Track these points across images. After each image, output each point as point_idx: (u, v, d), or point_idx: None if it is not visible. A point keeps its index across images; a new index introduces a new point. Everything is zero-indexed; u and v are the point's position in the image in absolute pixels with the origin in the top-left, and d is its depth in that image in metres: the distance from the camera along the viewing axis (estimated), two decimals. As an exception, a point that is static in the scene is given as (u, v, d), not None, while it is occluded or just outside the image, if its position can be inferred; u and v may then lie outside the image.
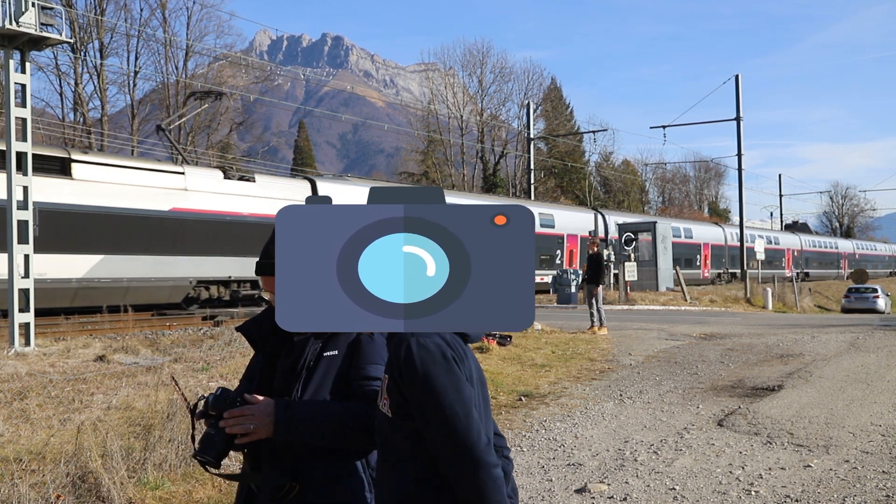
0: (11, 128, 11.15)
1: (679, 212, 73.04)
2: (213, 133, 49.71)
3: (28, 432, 6.18)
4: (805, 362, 10.92)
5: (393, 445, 1.83)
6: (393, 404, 1.81)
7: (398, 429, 1.81)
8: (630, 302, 25.08)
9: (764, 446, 6.31)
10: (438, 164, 57.93)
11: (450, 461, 1.72)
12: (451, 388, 1.72)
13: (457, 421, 1.70)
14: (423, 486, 1.77)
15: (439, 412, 1.71)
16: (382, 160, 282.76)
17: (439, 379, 1.72)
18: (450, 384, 1.72)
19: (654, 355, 11.90)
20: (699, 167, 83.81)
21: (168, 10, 45.70)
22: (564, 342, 13.19)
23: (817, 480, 5.38)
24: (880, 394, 8.46)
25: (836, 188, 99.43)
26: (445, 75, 60.54)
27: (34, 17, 10.94)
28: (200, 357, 10.33)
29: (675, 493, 5.14)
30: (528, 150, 42.67)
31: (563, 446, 6.44)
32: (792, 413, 7.53)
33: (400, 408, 1.79)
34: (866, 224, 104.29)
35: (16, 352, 10.61)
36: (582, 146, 63.76)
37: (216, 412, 2.06)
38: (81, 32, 41.05)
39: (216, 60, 49.30)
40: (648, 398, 8.46)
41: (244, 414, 2.03)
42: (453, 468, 1.72)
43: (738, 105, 35.46)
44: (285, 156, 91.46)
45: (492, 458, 1.73)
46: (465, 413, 1.71)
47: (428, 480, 1.77)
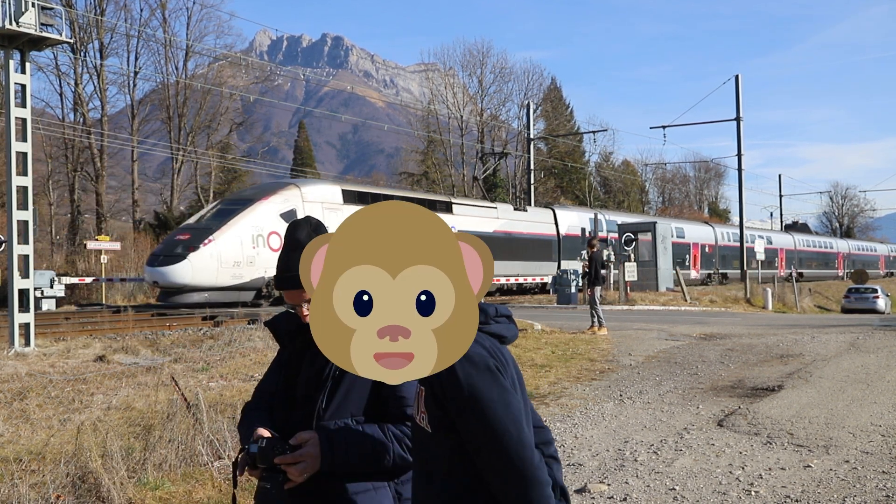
0: (11, 128, 11.15)
1: (679, 212, 73.03)
2: (213, 133, 49.70)
3: (28, 432, 6.18)
4: (805, 362, 10.91)
5: (435, 461, 1.74)
6: (432, 419, 1.70)
7: (440, 444, 1.71)
8: (630, 302, 25.09)
9: (764, 446, 6.31)
10: (438, 164, 57.93)
11: (500, 479, 1.64)
12: (500, 402, 1.61)
13: (508, 438, 1.60)
14: (468, 502, 1.69)
15: (489, 429, 1.61)
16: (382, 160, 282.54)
17: (486, 393, 1.60)
18: (498, 399, 1.61)
19: (654, 355, 11.90)
20: (699, 167, 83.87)
21: (168, 11, 45.76)
22: (564, 342, 13.19)
23: (817, 481, 5.38)
24: (880, 394, 8.46)
25: (836, 188, 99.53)
26: (445, 75, 60.53)
27: (34, 17, 10.94)
28: (200, 357, 10.33)
29: (675, 494, 5.14)
30: (527, 151, 42.66)
31: (563, 446, 6.44)
32: (792, 413, 7.53)
33: (440, 422, 1.68)
34: (866, 224, 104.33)
35: (16, 352, 10.61)
36: (582, 146, 63.79)
37: (266, 464, 1.94)
38: (81, 33, 41.05)
39: (216, 61, 49.30)
40: (648, 398, 8.46)
41: (298, 461, 1.94)
42: (504, 486, 1.64)
43: (738, 105, 35.46)
44: (285, 156, 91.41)
45: (544, 475, 1.66)
46: (516, 429, 1.62)
47: (474, 497, 1.69)
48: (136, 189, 44.89)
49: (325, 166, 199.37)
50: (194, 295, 19.31)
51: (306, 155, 78.75)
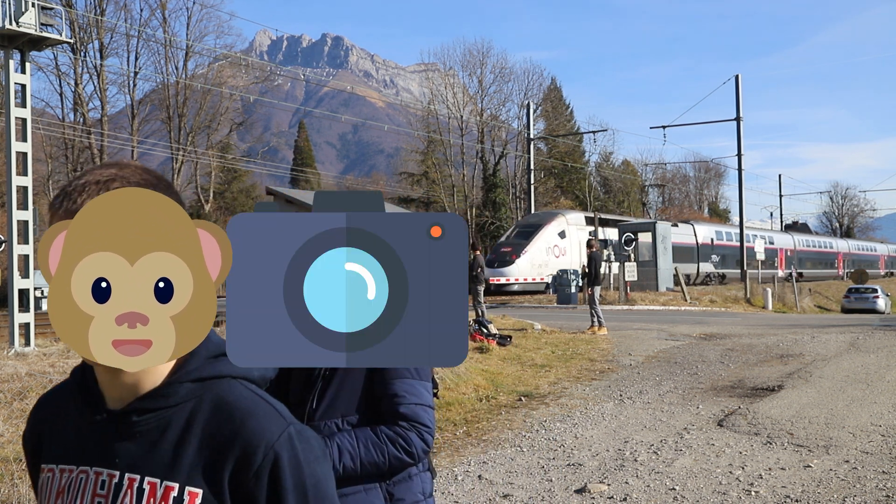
0: (11, 128, 11.15)
1: (679, 212, 73.00)
2: (213, 133, 49.72)
3: (28, 432, 6.18)
4: (805, 362, 10.92)
5: None
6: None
7: None
8: (630, 302, 25.09)
9: (764, 446, 6.31)
10: (438, 164, 57.94)
11: None
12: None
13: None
14: None
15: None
16: (382, 160, 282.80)
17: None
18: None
19: (654, 355, 11.90)
20: (699, 167, 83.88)
21: (168, 11, 45.77)
22: (564, 342, 13.19)
23: (817, 480, 5.38)
24: (880, 394, 8.46)
25: (836, 188, 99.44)
26: (445, 75, 60.53)
27: (34, 17, 10.94)
28: (200, 357, 10.33)
29: (675, 494, 5.14)
30: (527, 151, 42.67)
31: (563, 446, 6.44)
32: (792, 413, 7.53)
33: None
34: (866, 224, 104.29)
35: (16, 352, 10.61)
36: (582, 146, 63.74)
37: None
38: (81, 33, 41.08)
39: (216, 61, 49.32)
40: (648, 398, 8.47)
41: None
42: None
43: (738, 105, 35.46)
44: (285, 156, 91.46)
45: None
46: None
47: None
48: (136, 189, 44.80)
49: (325, 166, 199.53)
50: (515, 286, 30.24)
51: (306, 155, 78.79)
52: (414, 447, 1.98)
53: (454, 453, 6.33)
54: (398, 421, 1.98)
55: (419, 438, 1.99)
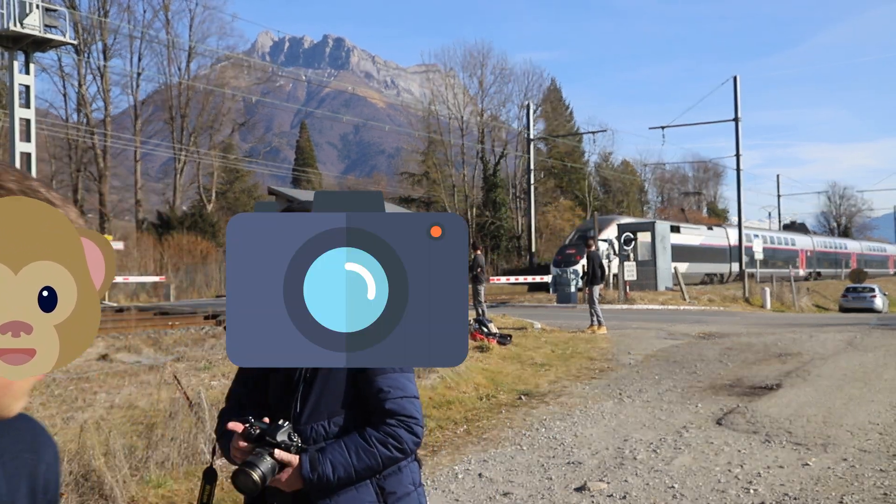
0: (15, 128, 11.20)
1: (679, 213, 72.95)
2: (216, 133, 49.78)
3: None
4: (803, 361, 10.96)
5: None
6: None
7: None
8: (629, 301, 25.13)
9: (762, 445, 6.35)
10: (439, 164, 57.95)
11: None
12: None
13: None
14: None
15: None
16: (383, 161, 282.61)
17: None
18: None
19: (653, 354, 11.94)
20: (698, 167, 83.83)
21: (171, 12, 45.94)
22: (564, 341, 13.23)
23: (815, 479, 5.42)
24: (878, 392, 8.50)
25: (834, 188, 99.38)
26: (446, 76, 60.55)
27: (38, 18, 10.99)
28: (203, 356, 10.37)
29: (674, 492, 5.19)
30: (527, 151, 42.70)
31: (563, 445, 6.48)
32: (790, 412, 7.57)
33: None
34: (864, 224, 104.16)
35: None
36: (581, 147, 63.75)
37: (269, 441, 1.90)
38: (85, 34, 41.16)
39: (218, 62, 49.40)
40: (648, 397, 8.51)
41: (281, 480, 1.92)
42: None
43: (737, 106, 35.47)
44: (287, 157, 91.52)
45: None
46: None
47: None
48: (138, 189, 44.95)
49: (326, 167, 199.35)
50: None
51: (308, 155, 78.82)
52: (405, 443, 1.99)
53: (455, 451, 6.38)
54: (386, 419, 1.99)
55: (408, 433, 2.00)
